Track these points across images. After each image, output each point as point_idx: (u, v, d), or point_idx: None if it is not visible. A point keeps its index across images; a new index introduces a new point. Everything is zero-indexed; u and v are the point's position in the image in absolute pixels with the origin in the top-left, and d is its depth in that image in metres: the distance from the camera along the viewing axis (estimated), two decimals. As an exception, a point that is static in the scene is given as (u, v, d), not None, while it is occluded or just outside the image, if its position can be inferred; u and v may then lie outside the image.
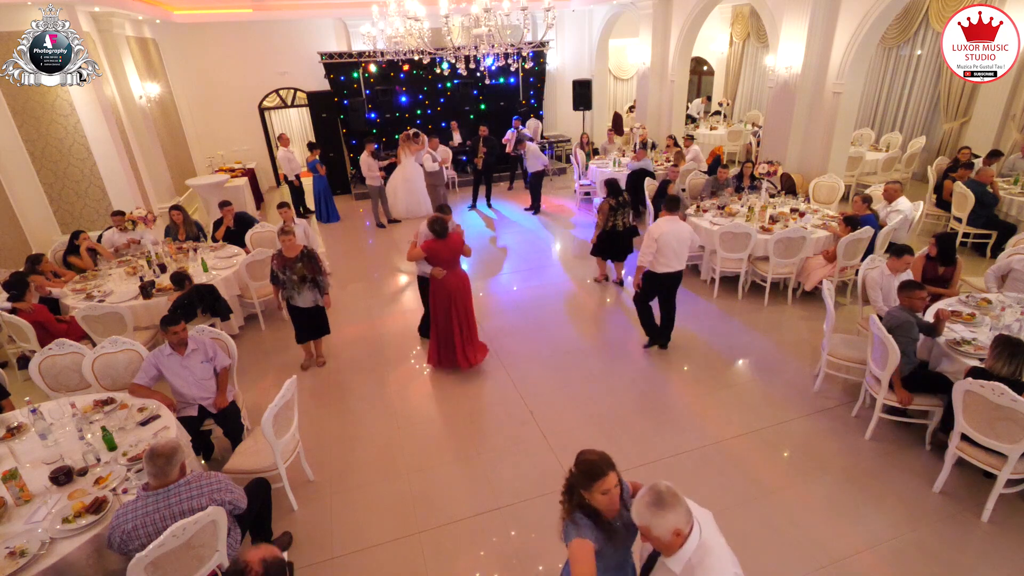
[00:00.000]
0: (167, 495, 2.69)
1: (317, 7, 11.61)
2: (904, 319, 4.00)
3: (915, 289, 4.04)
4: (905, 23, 10.50)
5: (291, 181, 10.61)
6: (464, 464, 4.28)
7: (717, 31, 15.63)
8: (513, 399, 5.03)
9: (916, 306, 4.05)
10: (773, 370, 5.28)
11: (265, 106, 13.02)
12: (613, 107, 16.16)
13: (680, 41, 11.08)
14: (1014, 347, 3.40)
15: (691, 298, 6.79)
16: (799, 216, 6.75)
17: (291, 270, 5.08)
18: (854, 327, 5.50)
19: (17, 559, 2.59)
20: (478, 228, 9.90)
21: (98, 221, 8.26)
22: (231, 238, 7.30)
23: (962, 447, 3.59)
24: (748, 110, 15.11)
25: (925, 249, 5.29)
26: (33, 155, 7.84)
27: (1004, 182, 7.89)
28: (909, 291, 4.05)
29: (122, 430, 3.57)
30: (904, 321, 4.00)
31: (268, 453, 3.67)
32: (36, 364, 4.31)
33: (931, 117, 10.73)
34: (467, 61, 6.60)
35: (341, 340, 6.18)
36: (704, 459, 4.19)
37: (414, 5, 6.18)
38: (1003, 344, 3.45)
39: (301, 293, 5.15)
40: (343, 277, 8.20)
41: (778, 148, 9.05)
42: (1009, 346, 3.42)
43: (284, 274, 5.10)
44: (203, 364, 4.10)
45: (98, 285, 5.96)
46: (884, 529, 3.52)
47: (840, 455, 4.16)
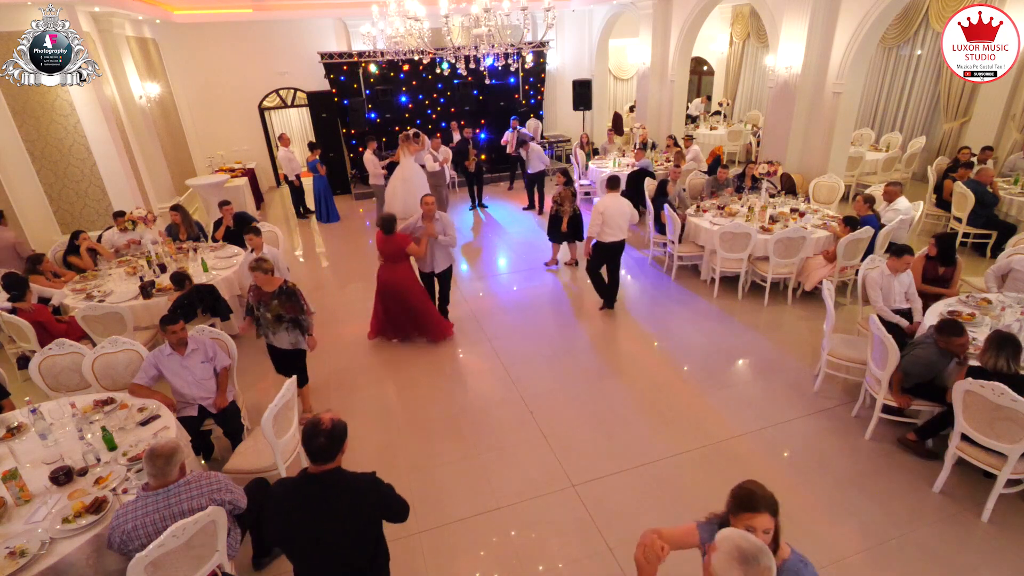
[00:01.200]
0: (167, 495, 2.69)
1: (317, 7, 11.61)
2: (928, 358, 3.86)
3: (958, 336, 3.71)
4: (905, 23, 10.50)
5: (291, 181, 10.63)
6: (464, 464, 4.27)
7: (717, 31, 15.63)
8: (513, 399, 5.03)
9: (954, 352, 3.82)
10: (773, 370, 5.28)
11: (265, 106, 13.02)
12: (613, 107, 16.16)
13: (680, 41, 11.08)
14: (1001, 340, 3.42)
15: (691, 298, 6.79)
16: (799, 216, 6.75)
17: (266, 307, 4.41)
18: (854, 327, 5.50)
19: (17, 559, 2.59)
20: (478, 228, 9.91)
21: (98, 221, 8.26)
22: (231, 238, 7.30)
23: (962, 447, 3.59)
24: (748, 110, 15.11)
25: (925, 249, 5.30)
26: (33, 155, 7.85)
27: (1004, 182, 7.88)
28: (951, 337, 3.72)
29: (122, 430, 3.57)
30: (927, 361, 3.87)
31: (268, 453, 3.67)
32: (36, 364, 4.31)
33: (931, 117, 10.73)
34: (467, 61, 6.60)
35: (341, 340, 6.18)
36: (704, 459, 4.19)
37: (414, 5, 6.18)
38: (991, 339, 3.48)
39: (276, 333, 4.51)
40: (343, 277, 8.21)
41: (778, 148, 9.05)
42: (996, 339, 3.44)
43: (259, 310, 4.47)
44: (203, 364, 4.10)
45: (98, 285, 5.96)
46: (884, 529, 3.52)
47: (840, 455, 4.16)
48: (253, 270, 4.38)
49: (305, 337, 4.60)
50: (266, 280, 4.42)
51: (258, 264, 4.37)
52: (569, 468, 4.14)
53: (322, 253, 9.35)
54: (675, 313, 6.49)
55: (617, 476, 4.03)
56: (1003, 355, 3.38)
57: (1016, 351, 3.39)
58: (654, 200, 7.62)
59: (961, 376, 3.53)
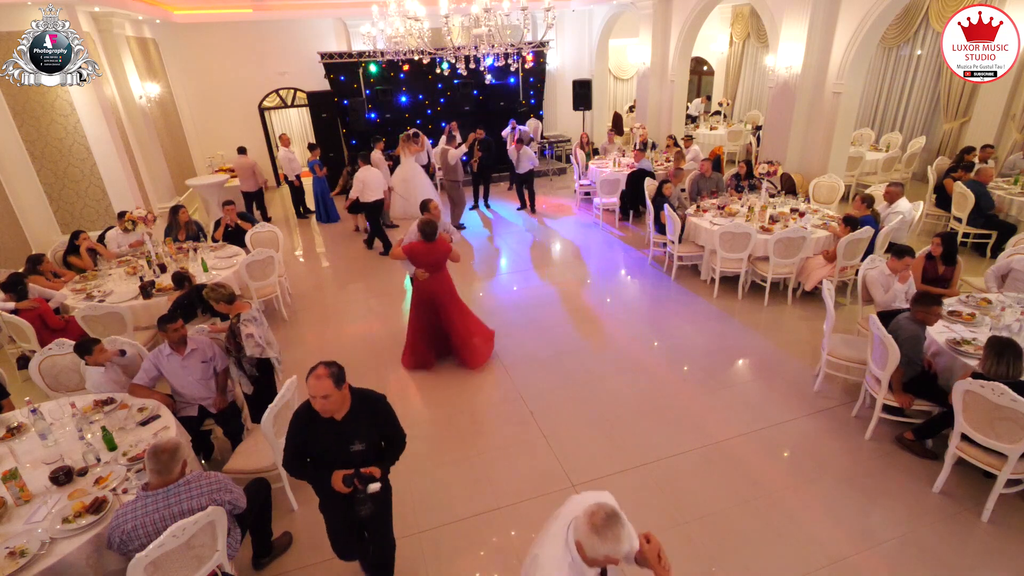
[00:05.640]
0: (167, 495, 2.69)
1: (317, 7, 11.61)
2: (914, 332, 3.96)
3: (933, 304, 3.90)
4: (905, 23, 10.50)
5: (291, 181, 10.64)
6: (464, 464, 4.27)
7: (717, 31, 15.63)
8: (513, 399, 5.03)
9: (930, 321, 3.96)
10: (773, 370, 5.28)
11: (265, 106, 13.03)
12: (613, 107, 16.16)
13: (680, 41, 11.08)
14: (1001, 347, 3.39)
15: (691, 298, 6.79)
16: (799, 216, 6.75)
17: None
18: (854, 327, 5.50)
19: (17, 559, 2.59)
20: (477, 228, 9.91)
21: (98, 221, 8.27)
22: (231, 238, 7.31)
23: (962, 447, 3.59)
24: (748, 110, 15.11)
25: (926, 249, 5.29)
26: (33, 155, 7.85)
27: (1004, 182, 7.88)
28: (927, 306, 3.91)
29: (122, 430, 3.57)
30: (913, 334, 3.96)
31: (268, 453, 3.67)
32: (36, 364, 4.31)
33: (931, 117, 10.73)
34: (467, 61, 6.60)
35: (341, 340, 6.18)
36: (704, 459, 4.19)
37: (414, 5, 6.18)
38: (990, 345, 3.44)
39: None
40: (343, 277, 8.21)
41: (778, 148, 9.04)
42: (996, 346, 3.40)
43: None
44: (203, 364, 4.10)
45: (98, 285, 5.96)
46: (884, 529, 3.52)
47: (840, 455, 4.16)
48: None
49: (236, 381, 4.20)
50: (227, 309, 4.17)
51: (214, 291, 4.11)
52: (569, 468, 4.14)
53: (322, 253, 9.35)
54: (675, 313, 6.49)
55: (617, 476, 4.03)
56: (1003, 361, 3.35)
57: (1017, 356, 3.35)
58: (654, 200, 7.62)
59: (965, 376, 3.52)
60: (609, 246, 8.79)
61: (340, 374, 2.60)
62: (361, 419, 2.70)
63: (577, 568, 1.95)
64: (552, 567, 1.97)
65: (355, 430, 2.68)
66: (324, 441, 2.67)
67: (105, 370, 4.02)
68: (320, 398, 2.53)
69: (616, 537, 1.87)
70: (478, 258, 8.56)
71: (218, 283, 4.18)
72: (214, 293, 4.12)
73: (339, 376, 2.58)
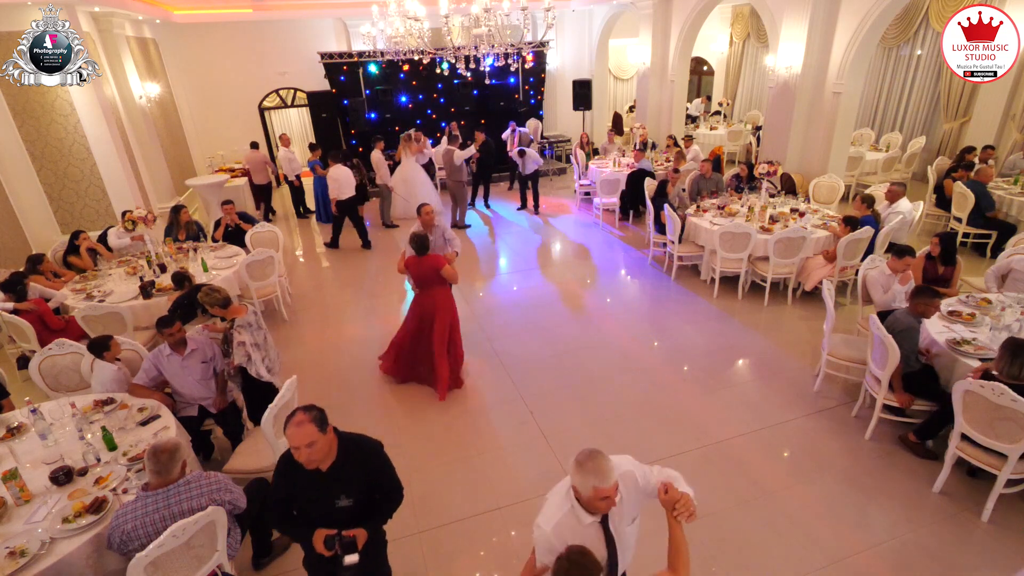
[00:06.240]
0: (167, 495, 2.69)
1: (317, 7, 11.62)
2: (909, 324, 3.99)
3: (931, 298, 3.95)
4: (905, 23, 10.50)
5: (291, 181, 10.64)
6: (464, 464, 4.28)
7: (717, 31, 15.63)
8: (513, 399, 5.03)
9: (928, 313, 4.00)
10: (773, 370, 5.28)
11: (265, 106, 13.03)
12: (613, 107, 16.16)
13: (680, 41, 11.08)
14: (1017, 348, 3.37)
15: (691, 298, 6.79)
16: (799, 216, 6.75)
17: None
18: (854, 327, 5.50)
19: (17, 559, 2.59)
20: (477, 228, 9.91)
21: (98, 221, 8.27)
22: (231, 238, 7.30)
23: (962, 447, 3.59)
24: (748, 110, 15.11)
25: (926, 249, 5.29)
26: (33, 155, 7.85)
27: (1004, 182, 7.88)
28: (924, 299, 3.96)
29: (122, 430, 3.57)
30: (909, 327, 3.98)
31: (268, 453, 3.67)
32: (36, 364, 4.31)
33: (931, 117, 10.73)
34: (467, 61, 6.60)
35: (341, 340, 6.18)
36: (704, 459, 4.19)
37: (414, 5, 6.18)
38: (1007, 346, 3.42)
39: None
40: (343, 277, 8.21)
41: (778, 148, 9.04)
42: (1012, 347, 3.39)
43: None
44: (203, 364, 4.10)
45: (98, 285, 5.95)
46: (884, 529, 3.52)
47: (840, 455, 4.16)
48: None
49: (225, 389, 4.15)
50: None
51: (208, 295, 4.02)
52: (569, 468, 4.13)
53: (322, 253, 9.35)
54: (675, 313, 6.49)
55: (617, 476, 4.03)
56: (1017, 362, 3.34)
57: None
58: (654, 200, 7.62)
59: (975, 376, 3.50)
60: (609, 246, 8.79)
61: (322, 416, 2.36)
62: (350, 469, 2.44)
63: (576, 514, 2.07)
64: (551, 512, 2.10)
65: (342, 483, 2.43)
66: (307, 494, 2.44)
67: (118, 368, 4.02)
68: (304, 448, 2.27)
69: (597, 468, 1.99)
70: (478, 258, 8.56)
71: (212, 287, 4.07)
72: (208, 298, 4.02)
73: (321, 419, 2.35)
